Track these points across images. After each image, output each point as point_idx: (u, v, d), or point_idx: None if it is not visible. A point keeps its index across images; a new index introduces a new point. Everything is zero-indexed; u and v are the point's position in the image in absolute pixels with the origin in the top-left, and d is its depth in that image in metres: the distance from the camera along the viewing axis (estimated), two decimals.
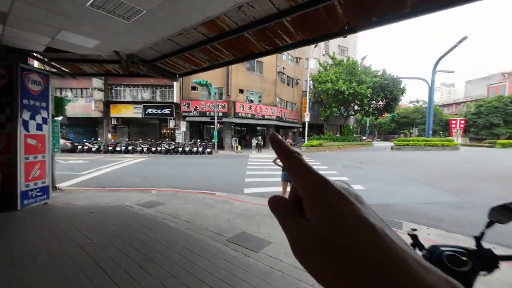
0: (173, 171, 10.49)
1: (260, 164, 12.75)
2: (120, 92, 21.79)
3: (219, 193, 6.78)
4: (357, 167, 11.79)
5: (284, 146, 0.28)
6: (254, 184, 8.02)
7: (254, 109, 22.99)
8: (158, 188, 7.11)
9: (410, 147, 21.86)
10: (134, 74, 6.33)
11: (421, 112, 51.32)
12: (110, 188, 7.12)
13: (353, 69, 27.07)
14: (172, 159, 15.38)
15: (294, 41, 3.84)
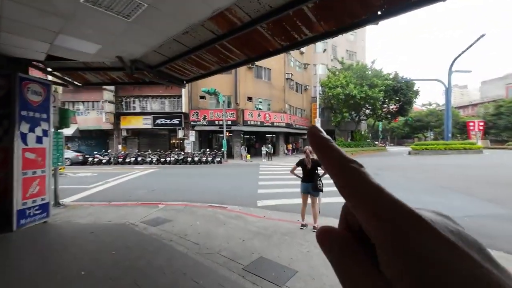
0: (181, 183, 10.06)
1: (272, 173, 12.15)
2: (130, 104, 21.97)
3: (231, 206, 6.24)
4: (377, 174, 10.97)
5: (334, 149, 0.21)
6: (267, 196, 7.43)
7: (263, 116, 22.58)
8: (166, 202, 6.65)
9: (429, 152, 20.65)
10: (139, 81, 6.02)
11: (436, 115, 49.45)
12: (116, 202, 6.72)
13: (363, 72, 26.40)
14: (181, 169, 15.02)
15: (315, 34, 3.35)
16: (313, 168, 4.49)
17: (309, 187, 4.51)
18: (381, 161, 17.49)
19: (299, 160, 4.65)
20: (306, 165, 4.50)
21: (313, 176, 4.48)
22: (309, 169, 4.48)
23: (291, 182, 9.11)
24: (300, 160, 4.64)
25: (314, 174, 4.49)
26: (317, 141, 0.20)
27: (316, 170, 4.51)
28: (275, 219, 5.21)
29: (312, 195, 4.52)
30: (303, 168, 4.59)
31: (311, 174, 4.50)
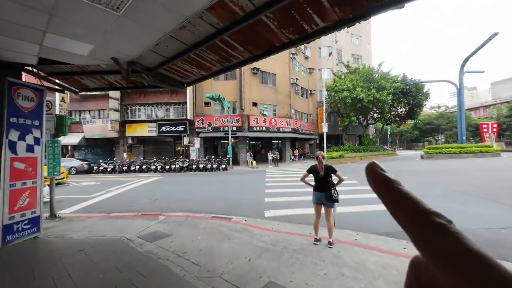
0: (185, 191, 9.66)
1: (279, 180, 11.64)
2: (135, 112, 21.98)
3: (236, 217, 5.78)
4: None
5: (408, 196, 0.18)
6: (275, 205, 6.93)
7: (269, 122, 22.20)
8: (167, 213, 6.24)
9: (443, 156, 19.72)
10: (138, 85, 5.73)
11: (447, 118, 48.10)
12: (115, 214, 6.35)
13: (370, 75, 25.85)
14: (186, 177, 14.67)
15: (328, 23, 2.95)
16: (327, 176, 4.02)
17: (322, 197, 4.02)
18: (392, 166, 16.74)
19: (311, 167, 4.19)
20: (318, 172, 4.04)
21: (327, 184, 4.01)
22: (322, 176, 4.01)
23: (300, 190, 8.60)
24: (311, 167, 4.18)
25: (328, 182, 4.01)
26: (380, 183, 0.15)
27: (330, 177, 4.04)
28: (285, 232, 4.72)
29: (326, 206, 4.03)
30: (315, 176, 4.12)
31: (324, 183, 4.03)
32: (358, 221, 5.34)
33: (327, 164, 4.08)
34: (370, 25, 41.86)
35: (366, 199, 7.10)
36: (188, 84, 5.45)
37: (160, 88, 5.73)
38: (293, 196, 7.81)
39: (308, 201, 7.32)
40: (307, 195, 7.94)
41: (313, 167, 4.15)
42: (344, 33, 35.51)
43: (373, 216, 5.65)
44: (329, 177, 4.04)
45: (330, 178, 4.05)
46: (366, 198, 7.22)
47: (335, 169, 4.04)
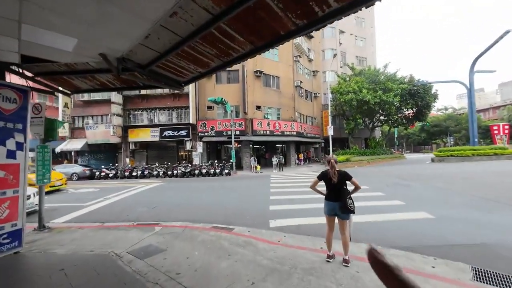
0: (186, 198, 9.21)
1: (285, 186, 11.10)
2: (137, 117, 21.81)
3: (238, 228, 5.28)
4: (405, 185, 9.70)
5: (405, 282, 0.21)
6: (281, 213, 6.41)
7: (273, 125, 21.74)
8: (165, 223, 5.79)
9: (455, 158, 18.89)
10: (133, 86, 5.35)
11: (455, 119, 46.92)
12: (109, 224, 5.92)
13: (376, 77, 25.28)
14: (188, 183, 14.23)
15: (342, 3, 2.50)
16: (341, 183, 3.52)
17: (336, 207, 3.51)
18: (403, 170, 16.03)
19: (322, 173, 3.69)
20: (331, 179, 3.54)
21: (341, 193, 3.50)
22: (335, 183, 3.51)
23: (308, 197, 8.06)
24: (322, 173, 3.68)
25: (342, 190, 3.51)
26: (382, 271, 0.17)
27: (344, 185, 3.53)
28: (293, 246, 4.20)
29: (340, 217, 3.52)
30: (327, 183, 3.62)
31: (338, 191, 3.52)
32: (374, 232, 4.79)
33: (340, 170, 3.59)
34: (373, 28, 41.46)
35: (381, 206, 6.53)
36: (185, 83, 5.04)
37: (155, 88, 5.34)
38: (300, 204, 7.27)
39: (317, 209, 6.81)
40: (316, 202, 7.45)
41: (324, 173, 3.65)
42: (348, 35, 35.20)
43: (390, 226, 5.09)
44: (343, 184, 3.54)
45: (344, 185, 3.54)
46: (380, 205, 6.64)
47: (350, 175, 3.54)
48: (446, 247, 3.95)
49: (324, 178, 3.66)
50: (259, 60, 21.75)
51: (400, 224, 5.15)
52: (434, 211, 5.82)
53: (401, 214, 5.80)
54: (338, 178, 3.51)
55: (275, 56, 23.16)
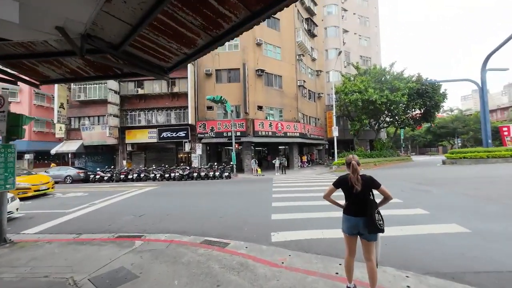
0: (179, 205, 8.36)
1: (288, 190, 10.21)
2: (135, 117, 21.10)
3: (234, 242, 4.43)
4: (423, 190, 8.74)
5: None
6: (285, 224, 5.53)
7: (275, 126, 20.88)
8: (149, 236, 4.95)
9: (468, 161, 17.83)
10: (110, 74, 4.54)
11: (463, 121, 45.66)
12: (84, 236, 5.07)
13: (382, 76, 24.37)
14: (184, 187, 13.40)
15: None
16: (365, 192, 2.65)
17: (359, 224, 2.64)
18: (414, 173, 15.03)
19: (339, 179, 2.83)
20: (352, 187, 2.66)
21: (366, 205, 2.63)
22: (358, 193, 2.64)
23: (316, 203, 7.16)
24: (340, 179, 2.82)
25: (367, 202, 2.63)
26: None
27: (369, 194, 2.66)
28: (300, 269, 3.32)
29: (365, 238, 2.63)
30: (347, 192, 2.75)
31: (362, 202, 2.65)
32: (399, 250, 3.88)
33: (364, 175, 2.71)
34: (378, 27, 40.62)
35: (401, 216, 5.60)
36: (170, 69, 4.22)
37: (136, 76, 4.52)
38: (306, 212, 6.38)
39: (327, 219, 5.72)
40: (325, 209, 6.33)
41: (343, 179, 2.78)
42: (352, 34, 34.39)
43: (418, 242, 4.17)
44: (369, 194, 2.67)
45: (370, 195, 2.67)
46: (400, 215, 5.72)
47: (377, 182, 2.67)
48: (507, 274, 3.04)
49: (342, 186, 2.78)
50: (261, 59, 20.99)
51: (430, 240, 4.24)
52: (468, 223, 4.88)
53: (428, 226, 4.88)
54: (362, 185, 2.64)
55: (277, 55, 22.40)
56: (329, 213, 5.99)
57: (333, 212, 6.11)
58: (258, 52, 20.94)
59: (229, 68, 20.59)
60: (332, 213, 5.95)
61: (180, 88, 20.28)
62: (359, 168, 2.72)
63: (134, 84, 21.06)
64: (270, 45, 21.82)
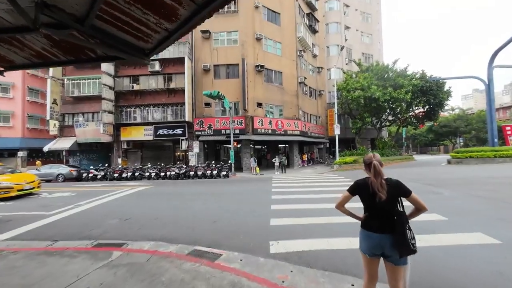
0: (170, 207, 7.76)
1: (289, 191, 9.61)
2: (130, 114, 20.44)
3: (227, 253, 3.84)
4: (433, 192, 8.14)
5: None
6: (285, 230, 4.93)
7: (275, 124, 20.25)
8: (131, 244, 4.37)
9: (475, 160, 17.23)
10: (82, 58, 3.90)
11: (465, 120, 45.07)
12: (58, 245, 4.47)
13: (385, 73, 23.71)
14: (179, 186, 12.80)
15: None
16: (392, 201, 2.04)
17: (384, 243, 2.02)
18: (420, 173, 14.43)
19: (357, 184, 2.23)
20: (374, 194, 2.05)
21: (392, 218, 2.02)
22: (383, 202, 2.03)
23: (319, 206, 6.54)
24: (358, 184, 2.21)
25: (395, 214, 2.03)
26: None
27: (397, 205, 2.05)
28: None
29: (393, 262, 2.02)
30: (368, 201, 2.15)
31: (387, 215, 2.05)
32: (426, 267, 3.25)
33: (390, 179, 2.10)
34: (380, 24, 39.89)
35: (417, 223, 4.95)
36: (152, 51, 3.58)
37: (113, 60, 3.88)
38: (309, 216, 5.77)
39: (333, 224, 5.08)
40: (331, 214, 5.61)
41: (361, 184, 2.17)
42: (354, 31, 33.68)
43: (446, 256, 3.54)
44: (396, 204, 2.05)
45: (397, 205, 2.06)
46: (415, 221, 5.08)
47: (407, 188, 2.06)
48: None
49: (361, 193, 2.17)
50: (261, 54, 20.32)
51: (456, 254, 3.63)
52: (494, 232, 4.27)
53: (450, 236, 4.27)
54: (388, 192, 2.02)
55: (277, 50, 21.72)
56: (334, 218, 5.39)
57: (339, 217, 5.51)
58: (258, 47, 20.26)
59: (228, 63, 19.93)
60: (337, 218, 5.35)
61: (177, 84, 19.61)
62: (382, 170, 2.10)
63: (129, 79, 20.39)
64: (270, 40, 21.13)
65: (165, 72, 19.92)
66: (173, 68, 19.81)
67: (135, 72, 20.34)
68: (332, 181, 12.26)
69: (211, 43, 19.95)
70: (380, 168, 2.08)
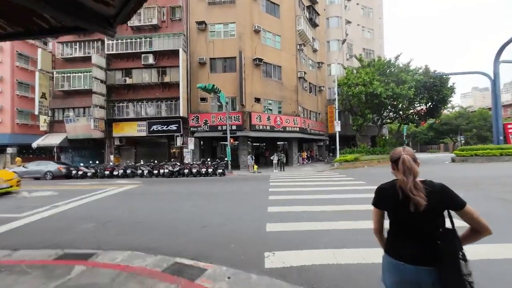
0: (157, 208, 7.07)
1: (288, 191, 8.94)
2: (122, 109, 19.63)
3: (213, 268, 3.20)
4: None
5: None
6: (283, 238, 4.26)
7: (274, 120, 19.53)
8: (101, 256, 3.68)
9: (480, 158, 16.64)
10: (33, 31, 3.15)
11: (466, 118, 44.56)
12: (15, 256, 3.78)
13: (387, 68, 22.99)
14: (171, 185, 12.11)
15: None
16: (433, 216, 1.36)
17: (423, 279, 1.33)
18: (426, 172, 13.60)
19: (380, 191, 1.55)
20: (407, 201, 1.36)
21: (435, 241, 1.34)
22: (420, 216, 1.34)
23: (321, 209, 5.82)
24: (382, 189, 1.54)
25: (438, 233, 1.34)
26: None
27: (440, 219, 1.37)
28: None
29: None
30: (396, 214, 1.46)
31: (427, 236, 1.37)
32: None
33: (431, 182, 1.42)
34: (382, 19, 39.09)
35: None
36: (115, 19, 2.84)
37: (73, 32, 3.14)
38: (310, 221, 5.08)
39: (340, 231, 4.33)
40: (336, 218, 5.03)
41: (385, 188, 1.50)
42: (355, 26, 32.86)
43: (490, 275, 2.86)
44: (439, 220, 1.37)
45: (442, 220, 1.37)
46: None
47: (459, 198, 1.37)
48: None
49: (387, 201, 1.48)
50: (259, 47, 19.53)
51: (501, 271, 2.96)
52: None
53: (485, 247, 3.54)
54: (428, 202, 1.33)
55: (276, 43, 20.92)
56: (339, 223, 4.74)
57: (345, 222, 4.83)
58: (256, 40, 19.46)
59: (225, 56, 19.13)
60: (343, 224, 4.69)
61: (172, 77, 18.81)
62: (418, 170, 1.42)
63: (121, 72, 19.56)
64: (269, 32, 20.32)
65: (159, 65, 19.10)
66: (168, 61, 18.98)
67: (128, 65, 19.50)
68: (333, 180, 11.60)
69: (207, 35, 19.12)
70: (413, 164, 1.39)
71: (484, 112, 44.85)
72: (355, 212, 5.62)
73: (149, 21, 18.90)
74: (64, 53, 20.04)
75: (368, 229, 1.61)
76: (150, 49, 18.66)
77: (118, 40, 18.97)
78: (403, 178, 1.37)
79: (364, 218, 4.91)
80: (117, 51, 18.95)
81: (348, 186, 9.44)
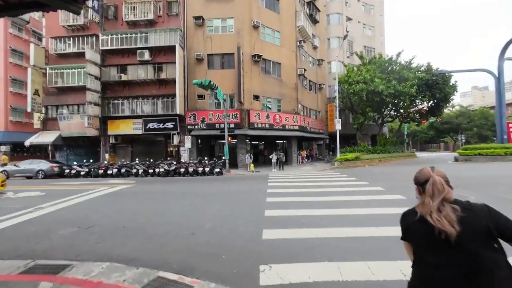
0: (146, 210, 6.62)
1: (287, 192, 8.49)
2: (118, 106, 19.12)
3: (200, 284, 2.80)
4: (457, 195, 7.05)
5: None
6: (281, 247, 3.81)
7: (273, 118, 19.06)
8: (75, 268, 3.27)
9: (484, 158, 16.23)
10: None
11: (467, 116, 44.22)
12: None
13: (389, 65, 22.52)
14: (166, 185, 11.67)
15: None
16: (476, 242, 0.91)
17: None
18: None
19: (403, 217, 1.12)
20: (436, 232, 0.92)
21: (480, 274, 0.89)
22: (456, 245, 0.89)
23: (323, 213, 5.34)
24: (405, 216, 1.12)
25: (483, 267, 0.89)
26: None
27: (489, 251, 0.91)
28: None
29: None
30: (429, 246, 1.01)
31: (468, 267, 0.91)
32: None
33: (469, 203, 1.00)
34: (383, 16, 38.52)
35: None
36: None
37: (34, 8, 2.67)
38: (311, 227, 4.63)
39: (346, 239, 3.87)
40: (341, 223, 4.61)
41: (409, 215, 1.07)
42: (356, 23, 32.31)
43: None
44: (484, 247, 0.91)
45: (489, 251, 0.91)
46: None
47: (507, 219, 0.93)
48: None
49: (415, 232, 1.05)
50: (258, 43, 19.02)
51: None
52: None
53: None
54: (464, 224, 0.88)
55: (276, 40, 20.41)
56: (343, 230, 4.29)
57: (349, 229, 4.37)
58: (255, 35, 18.94)
59: (223, 52, 18.61)
60: (348, 231, 4.25)
61: (168, 74, 18.30)
62: (449, 190, 1.00)
63: (116, 69, 19.03)
64: (268, 28, 19.80)
65: (155, 61, 18.57)
66: (164, 57, 18.46)
67: (123, 61, 18.97)
68: (334, 180, 11.17)
69: (204, 31, 18.58)
70: (446, 187, 0.99)
71: (485, 111, 44.51)
72: (361, 216, 5.19)
73: (144, 16, 18.36)
74: (58, 48, 19.48)
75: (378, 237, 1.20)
76: (146, 45, 18.13)
77: (113, 35, 18.44)
78: (432, 203, 0.97)
79: (372, 225, 4.47)
80: (112, 46, 18.41)
81: (351, 187, 8.99)
